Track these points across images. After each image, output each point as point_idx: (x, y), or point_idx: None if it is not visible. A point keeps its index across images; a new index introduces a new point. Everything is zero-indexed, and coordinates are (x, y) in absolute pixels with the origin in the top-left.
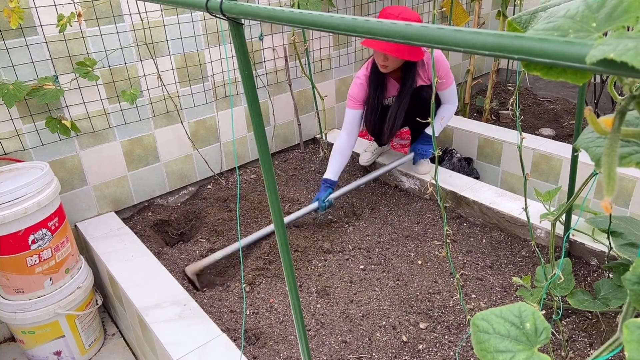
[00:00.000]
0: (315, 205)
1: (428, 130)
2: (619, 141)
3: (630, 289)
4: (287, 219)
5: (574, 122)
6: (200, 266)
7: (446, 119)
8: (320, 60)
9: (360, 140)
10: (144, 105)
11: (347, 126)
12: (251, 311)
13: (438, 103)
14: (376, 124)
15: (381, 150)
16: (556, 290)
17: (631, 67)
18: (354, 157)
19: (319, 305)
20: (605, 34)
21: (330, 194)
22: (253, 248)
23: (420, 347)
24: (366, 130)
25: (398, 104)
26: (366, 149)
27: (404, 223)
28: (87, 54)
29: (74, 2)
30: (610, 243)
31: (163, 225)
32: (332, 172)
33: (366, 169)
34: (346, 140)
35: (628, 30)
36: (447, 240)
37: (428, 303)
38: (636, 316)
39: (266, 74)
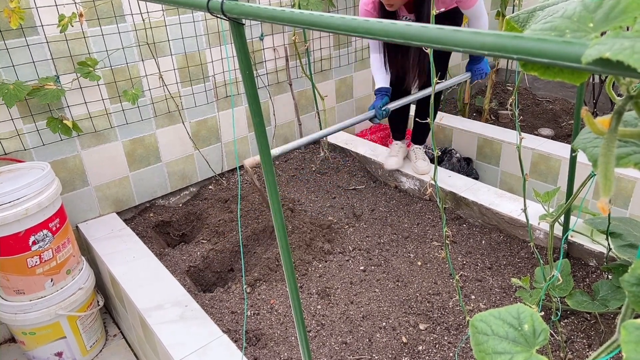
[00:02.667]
0: (371, 113)
1: None
2: (616, 141)
3: (628, 291)
4: (341, 123)
5: (572, 122)
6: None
7: None
8: (321, 60)
9: (375, 146)
10: (145, 105)
11: (372, 45)
12: (252, 312)
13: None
14: (398, 59)
15: (404, 151)
16: (555, 292)
17: (627, 66)
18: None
19: (319, 307)
20: (603, 34)
21: (387, 102)
22: (254, 252)
23: (420, 348)
24: (390, 70)
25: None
26: (390, 154)
27: (404, 224)
28: (89, 53)
29: (75, 3)
30: (609, 244)
31: (164, 226)
32: (382, 80)
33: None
34: (378, 53)
35: (627, 30)
36: (447, 242)
37: (428, 304)
38: (635, 317)
39: (267, 74)
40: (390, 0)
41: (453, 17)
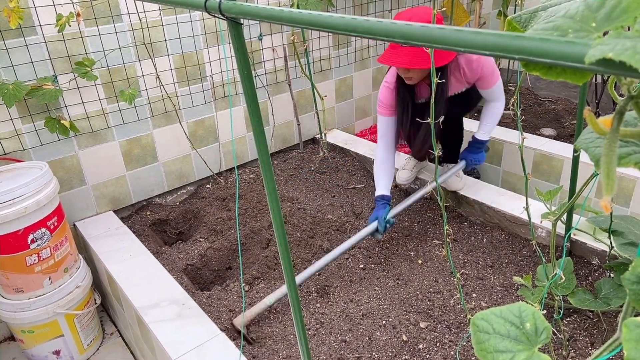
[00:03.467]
0: (374, 225)
1: (479, 136)
2: (618, 141)
3: (629, 289)
4: (344, 245)
5: (575, 122)
6: (251, 316)
7: (497, 119)
8: (320, 60)
9: (375, 146)
10: (142, 105)
11: (381, 137)
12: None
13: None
14: (411, 131)
15: (421, 165)
16: (557, 290)
17: (629, 67)
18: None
19: (318, 305)
20: (605, 34)
21: (388, 211)
22: (252, 250)
23: (421, 346)
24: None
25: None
26: (404, 166)
27: (404, 222)
28: (86, 53)
29: (72, 2)
30: (611, 242)
31: (161, 225)
32: (383, 187)
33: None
34: (384, 152)
35: (629, 29)
36: (448, 240)
37: (428, 302)
38: (636, 315)
39: (265, 74)
40: (408, 75)
41: (472, 94)
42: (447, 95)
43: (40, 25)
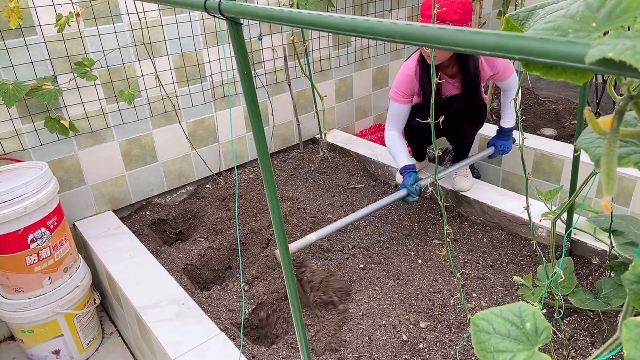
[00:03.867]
0: (403, 192)
1: (504, 124)
2: (618, 141)
3: (629, 288)
4: (369, 207)
5: (575, 122)
6: (294, 248)
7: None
8: (320, 60)
9: (375, 146)
10: (142, 105)
11: (391, 120)
12: (250, 310)
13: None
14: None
15: (420, 165)
16: (558, 289)
17: (629, 66)
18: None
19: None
20: (606, 34)
21: (416, 178)
22: (252, 250)
23: (421, 346)
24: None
25: (463, 103)
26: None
27: (404, 222)
28: (85, 53)
29: (72, 2)
30: (611, 242)
31: (161, 224)
32: (404, 158)
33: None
34: (395, 131)
35: (629, 29)
36: (448, 240)
37: (428, 302)
38: (636, 315)
39: (265, 74)
40: (435, 53)
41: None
42: (478, 83)
43: (40, 25)
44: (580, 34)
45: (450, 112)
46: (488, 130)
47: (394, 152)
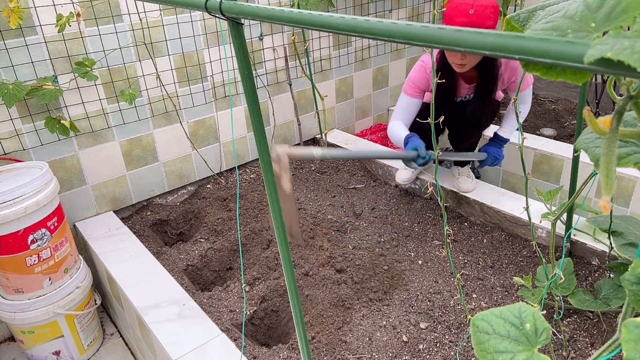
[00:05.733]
0: (413, 153)
1: (501, 132)
2: (617, 141)
3: (629, 289)
4: (379, 150)
5: (575, 122)
6: (297, 153)
7: (520, 121)
8: (320, 60)
9: (375, 146)
10: (142, 105)
11: (401, 113)
12: (251, 311)
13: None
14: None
15: (423, 167)
16: (557, 290)
17: (627, 66)
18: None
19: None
20: (605, 34)
21: (422, 144)
22: (253, 251)
23: (421, 346)
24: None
25: (476, 107)
26: (404, 166)
27: (404, 223)
28: (86, 53)
29: (72, 2)
30: (611, 243)
31: (162, 225)
32: (405, 131)
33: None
34: (399, 121)
35: (628, 29)
36: (448, 240)
37: (428, 303)
38: (635, 316)
39: (266, 74)
40: (463, 61)
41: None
42: (494, 90)
43: (40, 25)
44: (580, 34)
45: (460, 115)
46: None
47: (395, 133)
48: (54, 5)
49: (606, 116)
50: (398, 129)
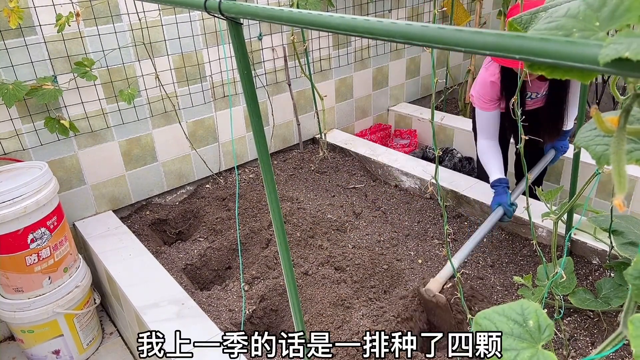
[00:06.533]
0: (500, 212)
1: (565, 126)
2: (626, 139)
3: (632, 284)
4: (473, 240)
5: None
6: (442, 280)
7: (577, 109)
8: (320, 60)
9: (375, 146)
10: (141, 105)
11: (481, 130)
12: (250, 310)
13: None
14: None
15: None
16: (558, 289)
17: None
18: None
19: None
20: (608, 33)
21: (510, 196)
22: (252, 250)
23: None
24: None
25: (552, 102)
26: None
27: (404, 222)
28: (85, 53)
29: (72, 2)
30: (611, 242)
31: (161, 224)
32: (497, 170)
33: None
34: (486, 140)
35: (633, 28)
36: (448, 239)
37: None
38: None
39: (265, 74)
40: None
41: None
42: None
43: (40, 25)
44: (585, 33)
45: (532, 121)
46: None
47: (485, 162)
48: (54, 5)
49: (613, 113)
50: (488, 160)
